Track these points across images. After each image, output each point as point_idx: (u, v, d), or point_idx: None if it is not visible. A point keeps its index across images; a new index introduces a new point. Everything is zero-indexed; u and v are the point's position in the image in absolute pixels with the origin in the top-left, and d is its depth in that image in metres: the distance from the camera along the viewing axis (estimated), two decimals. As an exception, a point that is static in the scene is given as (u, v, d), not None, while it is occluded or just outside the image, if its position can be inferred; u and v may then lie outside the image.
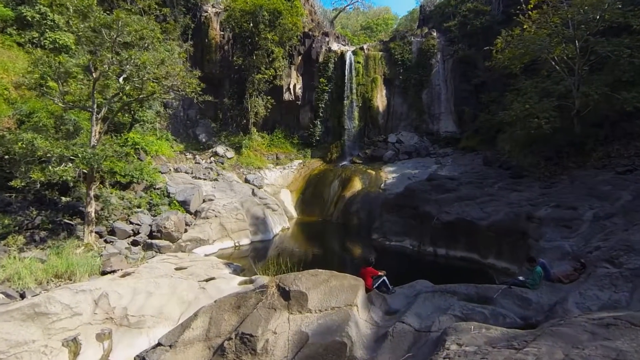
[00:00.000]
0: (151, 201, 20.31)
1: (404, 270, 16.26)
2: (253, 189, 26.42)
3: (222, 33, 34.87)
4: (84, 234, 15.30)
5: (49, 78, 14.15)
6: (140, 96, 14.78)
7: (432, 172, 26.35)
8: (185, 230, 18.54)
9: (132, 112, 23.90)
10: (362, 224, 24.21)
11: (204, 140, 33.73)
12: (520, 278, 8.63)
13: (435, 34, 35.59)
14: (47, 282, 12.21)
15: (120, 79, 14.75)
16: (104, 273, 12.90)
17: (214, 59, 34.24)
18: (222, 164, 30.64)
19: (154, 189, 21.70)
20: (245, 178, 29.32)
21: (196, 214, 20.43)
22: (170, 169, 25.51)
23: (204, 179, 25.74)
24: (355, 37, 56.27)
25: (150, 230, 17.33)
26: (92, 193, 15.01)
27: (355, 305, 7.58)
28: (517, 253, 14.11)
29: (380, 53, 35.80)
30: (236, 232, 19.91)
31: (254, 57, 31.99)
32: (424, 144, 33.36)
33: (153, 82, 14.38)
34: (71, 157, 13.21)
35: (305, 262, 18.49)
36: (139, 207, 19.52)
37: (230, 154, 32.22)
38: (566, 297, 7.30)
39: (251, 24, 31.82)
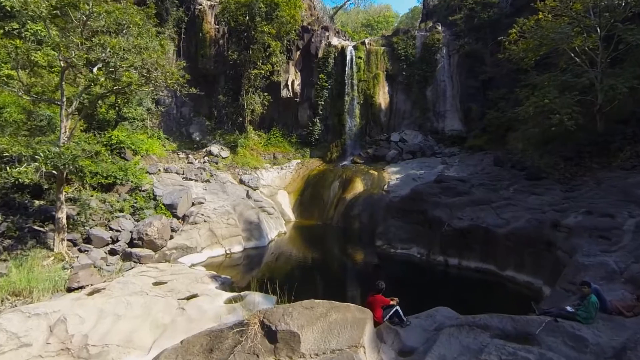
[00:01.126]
0: (135, 204, 18.65)
1: (412, 283, 14.65)
2: (248, 191, 24.78)
3: (216, 27, 33.22)
4: (54, 242, 13.63)
5: (4, 65, 12.49)
6: (115, 87, 13.13)
7: (438, 172, 24.73)
8: (171, 237, 16.86)
9: (117, 108, 22.27)
10: (364, 228, 22.59)
11: (197, 139, 32.09)
12: (568, 308, 6.94)
13: (440, 27, 33.90)
14: (2, 301, 10.55)
15: (95, 69, 13.11)
16: (70, 290, 11.23)
17: (208, 53, 32.60)
18: (217, 163, 29.01)
19: (140, 190, 20.07)
20: (240, 179, 27.66)
21: (184, 218, 18.76)
22: (159, 169, 23.82)
23: (195, 180, 24.07)
24: (355, 33, 54.64)
25: (131, 237, 15.65)
26: (62, 197, 13.35)
27: (361, 345, 5.94)
28: (541, 266, 12.46)
29: (383, 48, 34.10)
30: (227, 238, 18.24)
31: (250, 52, 30.35)
32: (429, 143, 31.69)
33: (130, 71, 12.72)
34: (34, 157, 11.53)
35: (303, 272, 16.88)
36: (121, 211, 17.86)
37: (225, 153, 30.58)
38: (638, 339, 5.65)
39: (247, 17, 30.20)
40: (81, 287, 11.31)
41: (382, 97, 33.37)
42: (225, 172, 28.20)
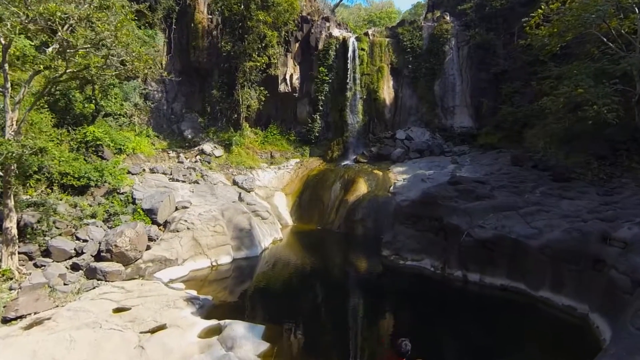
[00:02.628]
0: (110, 209, 16.52)
1: (426, 302, 12.47)
2: (240, 193, 22.61)
3: (209, 16, 31.02)
4: (1, 257, 11.49)
5: None
6: (69, 70, 10.97)
7: (449, 172, 22.55)
8: (148, 248, 14.66)
9: (95, 101, 20.16)
10: (368, 234, 20.46)
11: (189, 136, 29.90)
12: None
13: (448, 17, 31.66)
14: None
15: (49, 50, 10.98)
16: (5, 321, 9.05)
17: (200, 45, 30.40)
18: (209, 163, 26.90)
19: (118, 193, 17.98)
20: (234, 180, 25.50)
21: (165, 225, 16.60)
22: (143, 170, 21.70)
23: (183, 182, 21.93)
24: (357, 28, 52.54)
25: (98, 249, 13.47)
26: (10, 202, 11.20)
27: None
28: (588, 288, 10.27)
29: (387, 39, 31.88)
30: (214, 248, 16.04)
31: (245, 43, 28.19)
32: (437, 141, 29.52)
33: (89, 52, 10.61)
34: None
35: (298, 288, 14.66)
36: (93, 217, 15.72)
37: (219, 152, 28.42)
38: None
39: (242, 6, 28.11)
40: (21, 317, 9.14)
41: (387, 91, 31.17)
42: (218, 173, 26.08)
